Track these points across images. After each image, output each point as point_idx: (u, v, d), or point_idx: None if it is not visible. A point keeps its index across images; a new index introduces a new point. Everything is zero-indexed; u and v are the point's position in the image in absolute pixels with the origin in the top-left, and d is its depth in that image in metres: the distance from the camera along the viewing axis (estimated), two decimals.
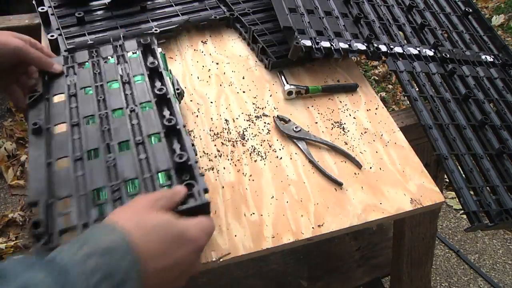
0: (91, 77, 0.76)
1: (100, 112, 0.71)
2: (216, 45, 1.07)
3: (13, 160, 2.06)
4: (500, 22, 2.92)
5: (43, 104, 0.72)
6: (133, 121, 0.69)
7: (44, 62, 0.74)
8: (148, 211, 0.52)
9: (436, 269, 1.81)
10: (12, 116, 2.24)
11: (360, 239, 1.43)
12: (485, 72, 1.09)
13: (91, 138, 0.68)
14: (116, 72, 0.77)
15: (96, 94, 0.74)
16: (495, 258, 1.86)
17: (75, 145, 0.67)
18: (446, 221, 1.99)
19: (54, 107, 0.72)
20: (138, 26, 1.03)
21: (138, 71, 0.77)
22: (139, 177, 0.62)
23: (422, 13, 1.19)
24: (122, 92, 0.74)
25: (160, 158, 0.64)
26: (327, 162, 0.84)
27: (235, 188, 0.79)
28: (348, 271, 1.36)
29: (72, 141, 0.67)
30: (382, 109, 0.95)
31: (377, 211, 0.78)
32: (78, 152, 0.66)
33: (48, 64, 0.74)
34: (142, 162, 0.64)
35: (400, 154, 0.87)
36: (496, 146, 0.92)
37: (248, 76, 0.99)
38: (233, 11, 1.10)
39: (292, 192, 0.79)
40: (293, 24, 0.97)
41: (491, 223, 0.80)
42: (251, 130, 0.89)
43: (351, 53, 0.99)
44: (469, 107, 0.99)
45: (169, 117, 0.68)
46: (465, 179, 0.85)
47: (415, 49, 1.07)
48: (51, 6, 1.05)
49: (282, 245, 0.73)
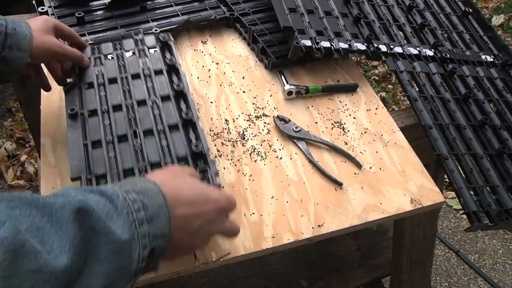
0: (116, 69, 0.84)
1: (126, 101, 0.79)
2: (216, 45, 1.06)
3: (13, 160, 2.06)
4: (500, 22, 2.92)
5: (76, 91, 0.81)
6: (155, 112, 0.78)
7: (76, 58, 0.82)
8: (181, 173, 0.60)
9: (436, 269, 1.81)
10: (12, 116, 2.24)
11: (360, 239, 1.43)
12: (485, 72, 1.09)
13: (119, 124, 0.77)
14: (138, 65, 0.85)
15: (121, 84, 0.82)
16: (495, 258, 1.86)
17: (106, 130, 0.76)
18: (446, 221, 1.99)
19: (86, 94, 0.81)
20: (138, 26, 1.03)
21: (157, 66, 0.85)
22: (161, 160, 0.72)
23: (422, 13, 1.19)
24: (144, 85, 0.82)
25: (178, 146, 0.74)
26: (327, 162, 0.84)
27: (235, 188, 0.79)
28: (348, 271, 1.36)
29: (104, 126, 0.76)
30: (382, 109, 0.95)
31: (377, 211, 0.78)
32: (109, 136, 0.75)
33: (80, 60, 0.83)
34: (164, 148, 0.73)
35: (400, 154, 0.87)
36: (496, 146, 0.92)
37: (248, 76, 0.99)
38: (233, 11, 1.10)
39: (292, 192, 0.79)
40: (293, 24, 0.97)
41: (491, 223, 0.80)
42: (251, 130, 0.89)
43: (351, 53, 0.99)
44: (469, 107, 0.99)
45: (186, 110, 0.78)
46: (465, 179, 0.85)
47: (415, 49, 1.07)
48: (51, 6, 1.05)
49: (282, 245, 0.73)
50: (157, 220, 0.50)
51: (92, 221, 0.44)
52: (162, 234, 0.51)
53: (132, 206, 0.49)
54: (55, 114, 0.88)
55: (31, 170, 2.01)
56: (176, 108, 0.79)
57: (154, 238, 0.50)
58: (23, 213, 0.40)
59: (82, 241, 0.43)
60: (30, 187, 1.98)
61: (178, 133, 0.76)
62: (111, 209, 0.47)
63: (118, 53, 0.87)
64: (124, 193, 0.49)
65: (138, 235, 0.48)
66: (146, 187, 0.52)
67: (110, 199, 0.47)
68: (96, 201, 0.46)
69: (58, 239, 0.41)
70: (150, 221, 0.49)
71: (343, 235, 1.39)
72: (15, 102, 2.24)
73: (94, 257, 0.44)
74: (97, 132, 0.75)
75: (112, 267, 0.45)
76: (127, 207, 0.48)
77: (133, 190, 0.51)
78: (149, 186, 0.53)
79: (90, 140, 0.74)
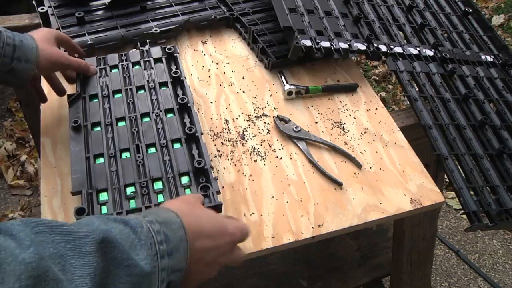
0: (121, 80, 0.83)
1: (130, 114, 0.79)
2: (216, 45, 1.06)
3: (13, 160, 2.05)
4: (500, 22, 2.92)
5: (80, 102, 0.80)
6: (158, 125, 0.78)
7: (82, 68, 0.82)
8: (196, 203, 0.61)
9: (436, 269, 1.81)
10: (12, 116, 2.24)
11: (360, 239, 1.43)
12: (485, 72, 1.09)
13: (122, 137, 0.76)
14: (143, 78, 0.84)
15: (126, 97, 0.81)
16: (495, 258, 1.86)
17: (109, 144, 0.75)
18: (446, 221, 1.99)
19: (90, 106, 0.80)
20: (138, 26, 1.03)
21: (162, 79, 0.84)
22: (163, 176, 0.71)
23: (422, 13, 1.19)
24: (149, 97, 0.81)
25: (181, 161, 0.73)
26: (327, 162, 0.84)
27: (235, 188, 0.79)
28: (348, 271, 1.36)
29: (107, 139, 0.75)
30: (382, 109, 0.95)
31: (377, 211, 0.78)
32: (111, 150, 0.74)
33: (86, 69, 0.83)
34: (166, 163, 0.73)
35: (400, 154, 0.87)
36: (496, 146, 0.92)
37: (248, 76, 0.99)
38: (233, 11, 1.10)
39: (292, 192, 0.79)
40: (293, 24, 0.97)
41: (491, 223, 0.80)
42: (251, 130, 0.89)
43: (351, 53, 0.99)
44: (469, 107, 0.99)
45: (189, 125, 0.77)
46: (465, 179, 0.85)
47: (415, 49, 1.07)
48: (51, 6, 1.05)
49: (282, 245, 0.73)
50: (176, 253, 0.50)
51: (115, 252, 0.44)
52: (179, 268, 0.51)
53: (156, 238, 0.48)
54: (55, 115, 0.88)
55: (31, 170, 2.01)
56: (180, 122, 0.78)
57: (172, 272, 0.50)
58: (47, 239, 0.40)
59: (104, 273, 0.42)
60: (30, 187, 1.98)
61: (180, 148, 0.75)
62: (135, 240, 0.46)
63: (123, 65, 0.86)
64: (148, 224, 0.49)
65: (158, 268, 0.47)
66: (169, 218, 0.52)
67: (134, 229, 0.47)
68: (120, 231, 0.46)
69: (80, 268, 0.41)
70: (170, 255, 0.49)
71: (343, 235, 1.39)
72: (15, 102, 2.24)
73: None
74: (100, 145, 0.75)
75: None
76: (151, 239, 0.48)
77: (156, 221, 0.50)
78: (172, 218, 0.53)
79: (92, 154, 0.74)
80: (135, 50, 0.89)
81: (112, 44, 0.99)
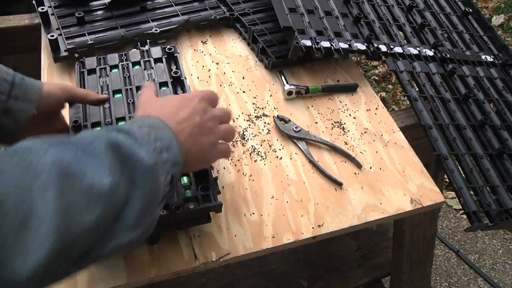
0: (122, 80, 0.82)
1: (130, 114, 0.77)
2: (216, 45, 1.06)
3: None
4: (500, 22, 2.92)
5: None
6: None
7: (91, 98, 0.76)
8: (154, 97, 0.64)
9: (436, 269, 1.81)
10: None
11: (360, 239, 1.43)
12: (485, 72, 1.09)
13: None
14: (143, 78, 0.83)
15: (126, 97, 0.80)
16: (495, 258, 1.86)
17: None
18: (446, 221, 1.99)
19: (90, 106, 0.79)
20: (138, 26, 1.03)
21: (162, 79, 0.83)
22: None
23: (422, 13, 1.19)
24: None
25: None
26: (327, 162, 0.84)
27: (235, 188, 0.79)
28: (348, 271, 1.36)
29: None
30: (382, 109, 0.95)
31: (377, 211, 0.78)
32: None
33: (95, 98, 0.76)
34: None
35: (400, 154, 0.87)
36: (496, 146, 0.92)
37: (248, 76, 0.99)
38: (233, 11, 1.10)
39: (292, 192, 0.79)
40: (293, 24, 0.97)
41: (491, 223, 0.80)
42: (251, 130, 0.89)
43: (351, 53, 0.99)
44: (469, 107, 0.99)
45: None
46: (465, 179, 0.85)
47: (415, 49, 1.07)
48: (51, 6, 1.05)
49: (282, 245, 0.72)
50: (171, 149, 0.53)
51: (123, 150, 0.47)
52: (177, 161, 0.55)
53: (149, 137, 0.52)
54: None
55: None
56: None
57: (172, 165, 0.53)
58: (60, 148, 0.44)
59: (120, 165, 0.46)
60: None
61: None
62: (132, 140, 0.50)
63: (123, 64, 0.85)
64: (139, 128, 0.52)
65: (160, 161, 0.51)
66: (153, 122, 0.55)
67: (129, 133, 0.50)
68: (118, 135, 0.49)
69: (97, 166, 0.44)
70: (167, 150, 0.53)
71: (343, 235, 1.39)
72: None
73: (131, 180, 0.47)
74: None
75: (146, 190, 0.48)
76: (146, 138, 0.51)
77: (144, 125, 0.54)
78: (156, 121, 0.56)
79: None
80: (135, 50, 0.89)
81: (112, 44, 0.99)
